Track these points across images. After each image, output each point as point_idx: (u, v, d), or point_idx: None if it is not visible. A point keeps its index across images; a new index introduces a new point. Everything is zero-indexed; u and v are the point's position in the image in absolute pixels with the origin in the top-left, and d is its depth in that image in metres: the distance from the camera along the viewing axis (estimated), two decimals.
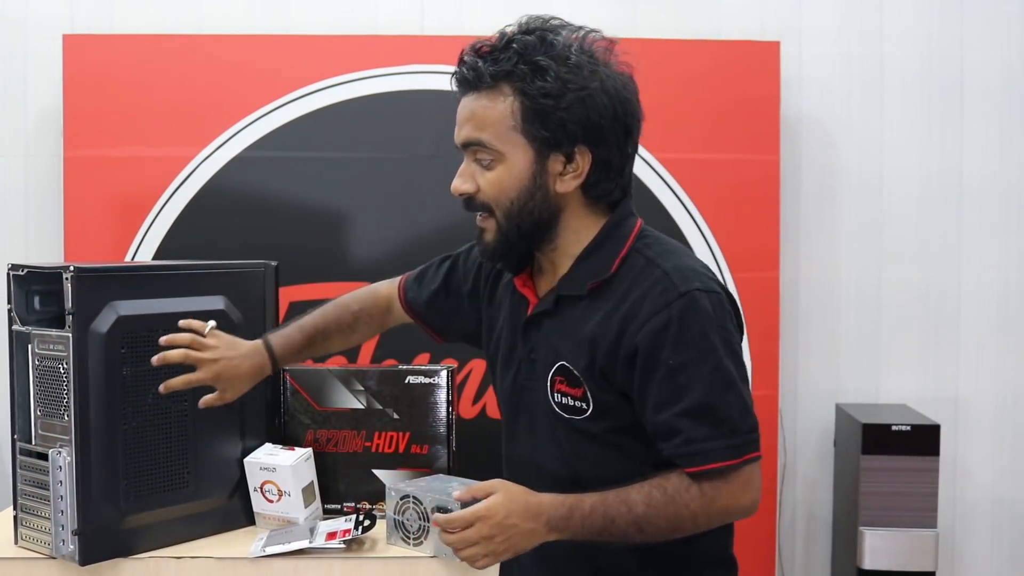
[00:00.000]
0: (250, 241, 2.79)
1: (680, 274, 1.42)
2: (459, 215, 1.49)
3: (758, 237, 2.92)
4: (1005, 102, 3.11)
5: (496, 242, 1.48)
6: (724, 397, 1.39)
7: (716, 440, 1.38)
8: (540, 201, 1.44)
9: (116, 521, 1.90)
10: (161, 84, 2.84)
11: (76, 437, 1.83)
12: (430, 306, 1.78)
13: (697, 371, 1.38)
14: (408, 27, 3.04)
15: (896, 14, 3.10)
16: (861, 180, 3.13)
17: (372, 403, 2.18)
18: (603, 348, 1.42)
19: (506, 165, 1.44)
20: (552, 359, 1.48)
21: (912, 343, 3.14)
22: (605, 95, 1.41)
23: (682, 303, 1.39)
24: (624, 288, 1.44)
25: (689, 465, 1.39)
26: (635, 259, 1.45)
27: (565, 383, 1.47)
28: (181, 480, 2.00)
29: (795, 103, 3.07)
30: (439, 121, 2.87)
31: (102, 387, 1.86)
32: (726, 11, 3.05)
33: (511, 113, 1.42)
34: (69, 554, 1.85)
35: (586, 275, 1.47)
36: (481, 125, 1.44)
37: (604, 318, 1.43)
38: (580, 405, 1.46)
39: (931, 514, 2.74)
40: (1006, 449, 3.15)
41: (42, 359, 1.88)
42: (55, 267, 1.88)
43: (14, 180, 3.04)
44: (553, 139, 1.41)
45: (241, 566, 1.94)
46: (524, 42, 1.42)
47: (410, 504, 1.97)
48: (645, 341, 1.39)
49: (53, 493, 1.84)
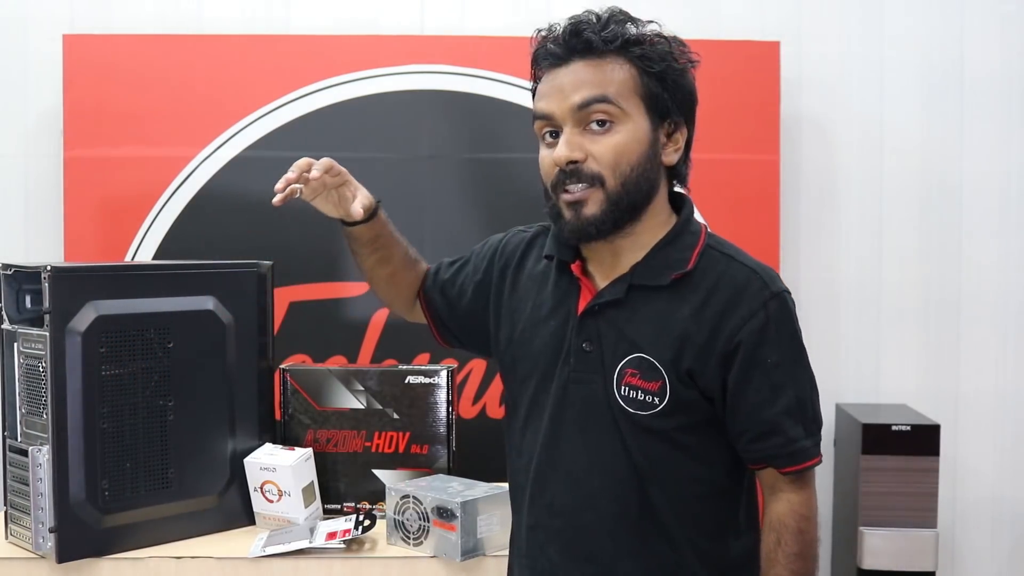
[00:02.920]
0: (250, 241, 2.78)
1: (768, 274, 1.45)
2: (459, 215, 1.49)
3: (758, 237, 2.91)
4: (1005, 102, 3.11)
5: (603, 212, 1.42)
6: (812, 395, 1.46)
7: (808, 439, 1.44)
8: (652, 170, 1.44)
9: (95, 520, 1.90)
10: (161, 84, 2.84)
11: (53, 435, 1.85)
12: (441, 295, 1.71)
13: (792, 370, 1.43)
14: (408, 27, 3.04)
15: (896, 14, 3.10)
16: (861, 180, 3.13)
17: (372, 403, 2.18)
18: (695, 344, 1.41)
19: (628, 127, 1.42)
20: (624, 350, 1.44)
21: (912, 343, 3.14)
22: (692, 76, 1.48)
23: (776, 303, 1.42)
24: (710, 283, 1.43)
25: (789, 465, 1.44)
26: (712, 255, 1.46)
27: (638, 376, 1.43)
28: (164, 479, 2.00)
29: (795, 103, 3.07)
30: (439, 121, 2.89)
31: (79, 386, 1.87)
32: (726, 11, 3.05)
33: (631, 76, 1.42)
34: (47, 551, 1.87)
35: (665, 266, 1.45)
36: (603, 85, 1.41)
37: (694, 313, 1.42)
38: (652, 400, 1.43)
39: (931, 514, 2.74)
40: (1006, 449, 3.15)
41: (26, 357, 1.90)
42: (35, 267, 1.88)
43: (14, 180, 3.03)
44: (666, 109, 1.44)
45: (241, 566, 1.94)
46: (622, 18, 1.45)
47: (410, 504, 1.97)
48: (748, 339, 1.40)
49: (33, 490, 1.86)
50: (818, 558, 1.47)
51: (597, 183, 1.41)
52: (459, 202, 2.85)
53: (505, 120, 2.85)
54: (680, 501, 1.46)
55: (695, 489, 1.47)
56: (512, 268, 1.60)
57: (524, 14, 3.01)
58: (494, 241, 1.68)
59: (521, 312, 1.56)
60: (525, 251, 1.61)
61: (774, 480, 1.46)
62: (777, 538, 1.44)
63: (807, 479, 1.46)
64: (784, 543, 1.44)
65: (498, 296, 1.61)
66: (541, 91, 1.46)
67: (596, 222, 1.42)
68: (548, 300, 1.52)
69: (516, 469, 1.57)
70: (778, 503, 1.45)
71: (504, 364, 1.61)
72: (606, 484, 1.45)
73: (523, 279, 1.58)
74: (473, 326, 1.67)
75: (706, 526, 1.48)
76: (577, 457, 1.47)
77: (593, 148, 1.41)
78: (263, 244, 2.72)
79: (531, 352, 1.53)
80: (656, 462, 1.44)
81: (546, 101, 1.43)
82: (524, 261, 1.60)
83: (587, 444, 1.47)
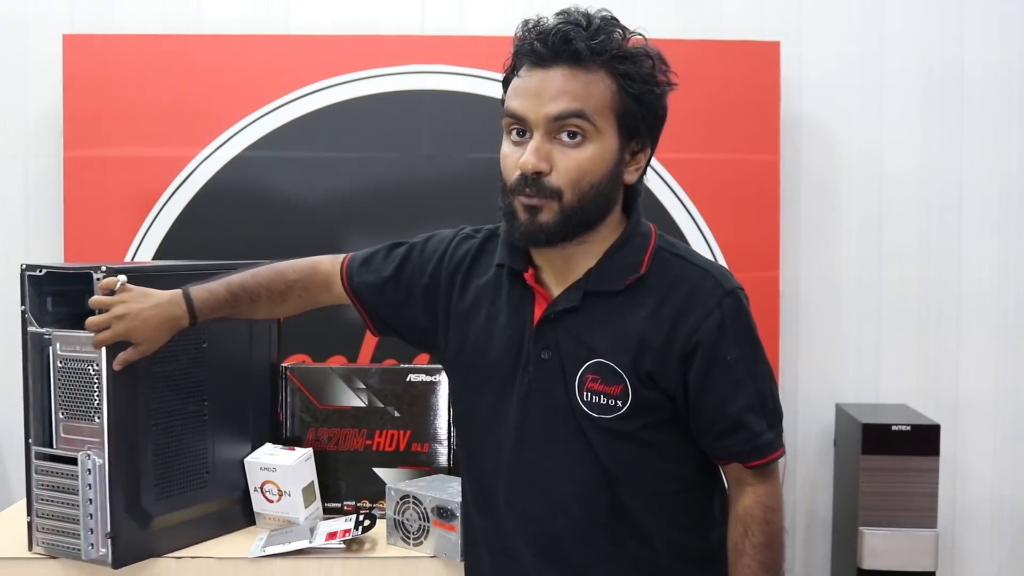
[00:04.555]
0: (250, 241, 2.79)
1: (719, 272, 1.46)
2: (459, 215, 1.49)
3: (758, 237, 2.92)
4: (1005, 102, 3.11)
5: (556, 224, 1.40)
6: (772, 388, 1.47)
7: (770, 431, 1.45)
8: (611, 189, 1.43)
9: (145, 523, 1.89)
10: (161, 84, 2.84)
11: (109, 440, 1.79)
12: (378, 294, 1.67)
13: (750, 366, 1.44)
14: (408, 27, 3.04)
15: (896, 14, 3.11)
16: (861, 180, 3.13)
17: (373, 401, 2.18)
18: (654, 347, 1.41)
19: (597, 144, 1.40)
20: (584, 356, 1.44)
21: (912, 343, 3.14)
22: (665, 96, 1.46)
23: (730, 300, 1.42)
24: (664, 285, 1.43)
25: (754, 459, 1.44)
26: (664, 257, 1.46)
27: (600, 380, 1.43)
28: (201, 479, 2.00)
29: (795, 103, 3.07)
30: (439, 121, 2.89)
31: (130, 387, 1.83)
32: (726, 11, 3.05)
33: (611, 93, 1.40)
34: (100, 558, 1.82)
35: (618, 270, 1.45)
36: (582, 98, 1.39)
37: (650, 315, 1.42)
38: (615, 403, 1.42)
39: (931, 514, 2.74)
40: (1006, 449, 3.15)
41: (66, 361, 1.83)
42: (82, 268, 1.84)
43: (14, 180, 3.03)
44: (640, 125, 1.42)
45: (241, 566, 1.93)
46: (612, 28, 1.41)
47: (410, 504, 1.97)
48: (705, 338, 1.40)
49: (82, 497, 1.81)
50: (784, 548, 1.47)
51: (555, 198, 1.40)
52: (459, 202, 2.85)
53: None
54: (652, 500, 1.46)
55: (666, 486, 1.47)
56: (461, 275, 1.58)
57: (523, 14, 2.99)
58: (438, 243, 1.65)
59: (473, 320, 1.54)
60: (476, 257, 1.59)
61: (739, 474, 1.47)
62: (744, 529, 1.45)
63: (771, 472, 1.47)
64: (751, 534, 1.44)
65: (447, 301, 1.59)
66: (517, 87, 1.43)
67: (547, 230, 1.41)
68: (503, 309, 1.51)
69: (481, 474, 1.56)
70: (744, 496, 1.46)
71: (454, 371, 1.60)
72: (575, 490, 1.45)
73: (473, 287, 1.56)
74: (419, 327, 1.64)
75: (681, 522, 1.49)
76: (544, 464, 1.47)
77: (559, 161, 1.39)
78: (263, 244, 2.73)
79: (487, 361, 1.52)
80: (624, 464, 1.45)
81: (520, 102, 1.41)
82: (474, 268, 1.58)
83: (554, 451, 1.46)
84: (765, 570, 1.44)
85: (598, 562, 1.47)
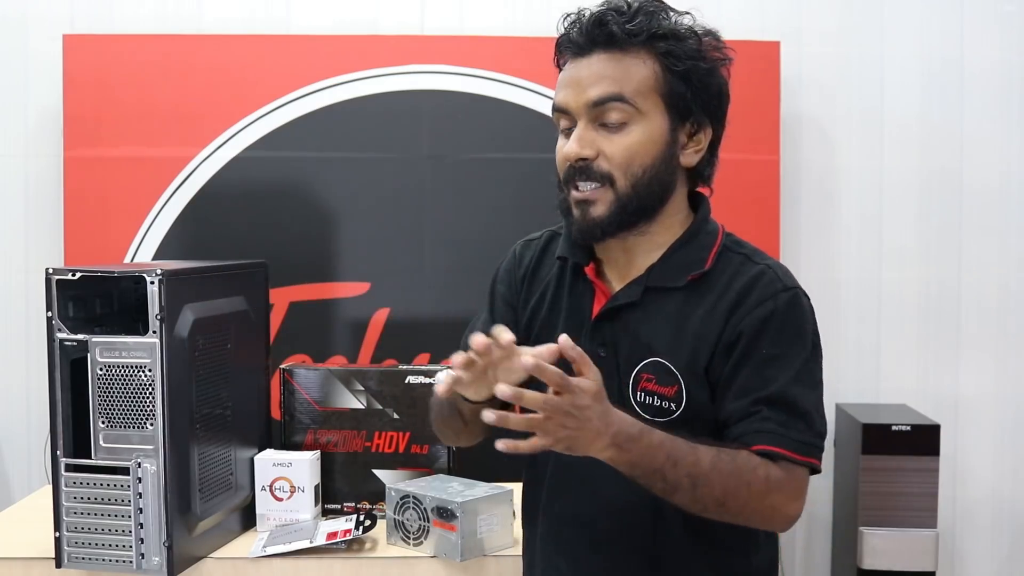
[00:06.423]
0: (250, 241, 2.79)
1: (783, 271, 1.42)
2: (459, 215, 1.48)
3: (758, 237, 2.85)
4: (1005, 102, 3.11)
5: (611, 214, 1.37)
6: (806, 393, 1.36)
7: (788, 429, 1.33)
8: (666, 172, 1.39)
9: (192, 528, 1.88)
10: (161, 84, 2.84)
11: (164, 447, 1.77)
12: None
13: (786, 364, 1.35)
14: (408, 27, 3.04)
15: (896, 14, 3.10)
16: (861, 180, 3.13)
17: (372, 403, 2.18)
18: (709, 342, 1.36)
19: (643, 127, 1.37)
20: (640, 354, 1.39)
21: (912, 343, 3.14)
22: (724, 76, 1.41)
23: (787, 296, 1.38)
24: (724, 281, 1.39)
25: (757, 442, 1.32)
26: (729, 256, 1.42)
27: (655, 381, 1.38)
28: (227, 482, 2.00)
29: (795, 103, 3.07)
30: (439, 121, 2.89)
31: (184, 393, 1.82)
32: (726, 11, 3.05)
33: (653, 74, 1.36)
34: (154, 567, 1.79)
35: (681, 267, 1.41)
36: (620, 82, 1.36)
37: (708, 312, 1.38)
38: (669, 406, 1.37)
39: (931, 514, 2.74)
40: (1006, 449, 3.15)
41: (109, 368, 1.78)
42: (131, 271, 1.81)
43: (14, 180, 3.03)
44: (692, 105, 1.38)
45: (241, 566, 1.94)
46: (653, 9, 1.38)
47: (410, 504, 1.97)
48: (749, 328, 1.35)
49: (134, 507, 1.78)
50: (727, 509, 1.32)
51: (607, 182, 1.37)
52: (459, 202, 2.85)
53: (505, 120, 2.85)
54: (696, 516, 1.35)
55: None
56: (529, 275, 1.56)
57: (523, 14, 3.01)
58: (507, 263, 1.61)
59: (537, 315, 1.52)
60: (539, 258, 1.56)
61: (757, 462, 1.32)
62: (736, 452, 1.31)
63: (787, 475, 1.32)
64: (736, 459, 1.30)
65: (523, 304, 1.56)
66: (561, 81, 1.41)
67: (602, 224, 1.38)
68: (563, 303, 1.48)
69: (530, 479, 1.53)
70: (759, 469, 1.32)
71: None
72: (621, 494, 1.39)
73: (539, 283, 1.54)
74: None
75: (724, 541, 1.42)
76: (592, 466, 1.33)
77: (606, 146, 1.37)
78: (263, 244, 2.73)
79: None
80: None
81: (564, 93, 1.40)
82: (539, 267, 1.55)
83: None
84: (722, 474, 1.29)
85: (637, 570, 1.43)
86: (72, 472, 1.82)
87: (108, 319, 1.89)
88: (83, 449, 1.81)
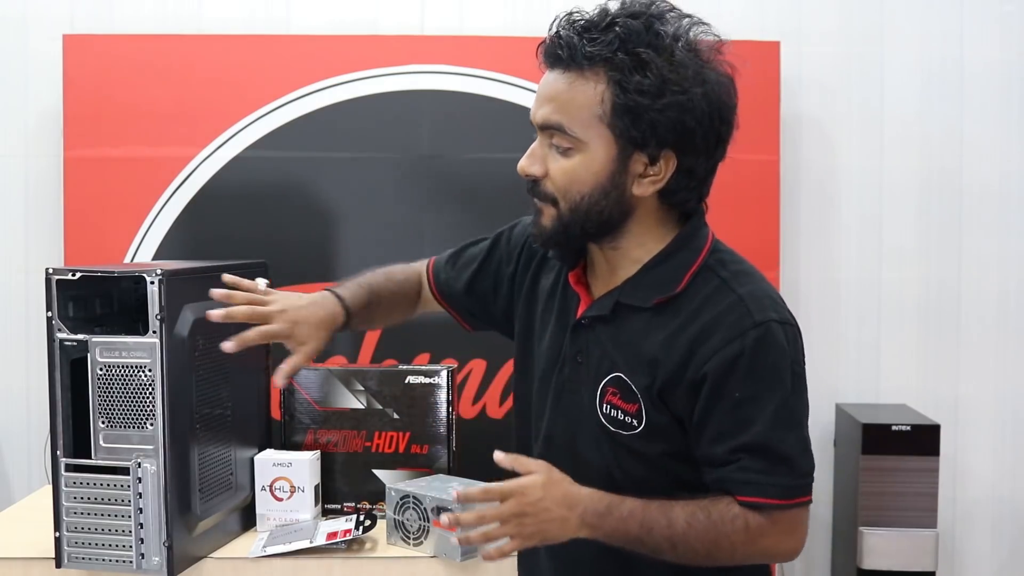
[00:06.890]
0: (250, 241, 2.78)
1: (756, 301, 1.33)
2: (459, 215, 1.48)
3: (758, 237, 2.91)
4: (1005, 102, 3.11)
5: (553, 231, 1.36)
6: (786, 436, 1.32)
7: (771, 476, 1.31)
8: (613, 201, 1.33)
9: (192, 528, 1.89)
10: (161, 84, 2.84)
11: (164, 447, 1.78)
12: (468, 290, 1.63)
13: (763, 406, 1.30)
14: (408, 27, 3.04)
15: (896, 14, 3.10)
16: (861, 180, 3.13)
17: (372, 403, 2.18)
18: (666, 370, 1.32)
19: (585, 156, 1.32)
20: (607, 368, 1.38)
21: (912, 343, 3.14)
22: (705, 101, 1.31)
23: (756, 333, 1.30)
24: (693, 308, 1.33)
25: (740, 493, 1.31)
26: (706, 277, 1.36)
27: (618, 396, 1.37)
28: (227, 482, 2.00)
29: (795, 103, 3.07)
30: (439, 121, 2.89)
31: (184, 392, 1.83)
32: (726, 11, 3.04)
33: (600, 101, 1.29)
34: (154, 567, 1.80)
35: (652, 287, 1.36)
36: (564, 108, 1.31)
37: (669, 339, 1.33)
38: (631, 421, 1.36)
39: (931, 514, 2.74)
40: (1006, 449, 3.15)
41: (109, 368, 1.79)
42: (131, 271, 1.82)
43: (14, 180, 3.03)
44: (640, 139, 1.30)
45: (241, 566, 1.94)
46: (628, 27, 1.28)
47: (410, 504, 1.97)
48: (715, 371, 1.29)
49: (134, 507, 1.79)
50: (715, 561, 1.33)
51: (550, 203, 1.35)
52: (459, 202, 2.85)
53: (505, 120, 2.85)
54: None
55: None
56: (536, 261, 1.55)
57: (523, 14, 3.01)
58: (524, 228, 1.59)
59: (533, 310, 1.52)
60: None
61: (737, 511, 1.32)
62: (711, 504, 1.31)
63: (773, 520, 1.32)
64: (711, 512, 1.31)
65: (521, 286, 1.56)
66: None
67: (545, 236, 1.38)
68: (556, 303, 1.48)
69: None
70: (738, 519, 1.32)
71: (515, 354, 1.57)
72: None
73: (543, 276, 1.53)
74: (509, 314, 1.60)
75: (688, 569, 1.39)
76: (565, 466, 1.37)
77: (552, 167, 1.34)
78: (263, 244, 2.73)
79: (537, 352, 1.49)
80: (637, 482, 1.36)
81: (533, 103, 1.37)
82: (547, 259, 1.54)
83: (575, 456, 1.42)
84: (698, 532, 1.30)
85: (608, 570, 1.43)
86: (72, 472, 1.82)
87: (108, 319, 1.90)
88: (83, 449, 1.82)
